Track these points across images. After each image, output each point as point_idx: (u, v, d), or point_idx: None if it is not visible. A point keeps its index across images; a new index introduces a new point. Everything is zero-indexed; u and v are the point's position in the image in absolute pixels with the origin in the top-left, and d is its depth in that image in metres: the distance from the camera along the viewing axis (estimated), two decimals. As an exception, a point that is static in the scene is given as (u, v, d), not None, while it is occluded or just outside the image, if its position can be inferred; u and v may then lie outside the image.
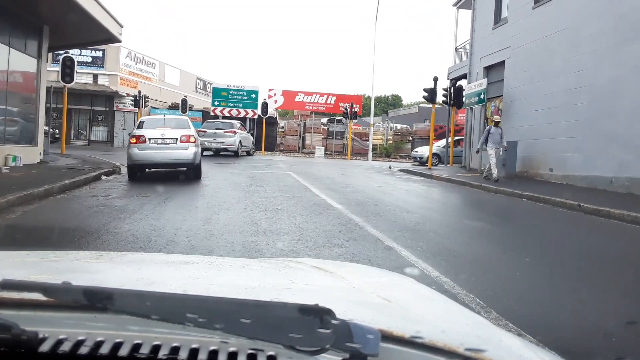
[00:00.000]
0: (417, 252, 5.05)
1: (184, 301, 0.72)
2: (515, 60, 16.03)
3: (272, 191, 9.87)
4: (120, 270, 1.22)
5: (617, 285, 4.43)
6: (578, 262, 5.30)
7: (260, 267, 1.46)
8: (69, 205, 7.74)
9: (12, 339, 0.63)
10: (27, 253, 1.31)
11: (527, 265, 4.97)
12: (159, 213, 6.85)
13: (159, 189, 9.49)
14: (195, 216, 6.76)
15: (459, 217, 8.95)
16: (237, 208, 7.59)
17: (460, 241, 6.16)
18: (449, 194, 12.04)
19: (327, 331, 0.61)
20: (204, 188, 10.18)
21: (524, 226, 8.10)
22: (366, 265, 1.87)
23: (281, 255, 4.70)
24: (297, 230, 5.95)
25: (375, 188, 11.72)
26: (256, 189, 10.19)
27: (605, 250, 6.15)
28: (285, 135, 33.33)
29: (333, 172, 16.20)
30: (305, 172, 15.06)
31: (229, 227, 6.10)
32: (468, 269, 4.72)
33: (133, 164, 10.96)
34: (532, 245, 6.13)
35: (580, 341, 3.09)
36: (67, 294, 0.72)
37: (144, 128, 11.32)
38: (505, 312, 3.32)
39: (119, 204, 7.52)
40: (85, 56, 29.37)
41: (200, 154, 11.90)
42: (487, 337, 0.87)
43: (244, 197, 8.81)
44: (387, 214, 7.64)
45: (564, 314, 3.52)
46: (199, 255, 2.86)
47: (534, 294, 4.06)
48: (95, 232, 5.55)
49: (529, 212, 9.25)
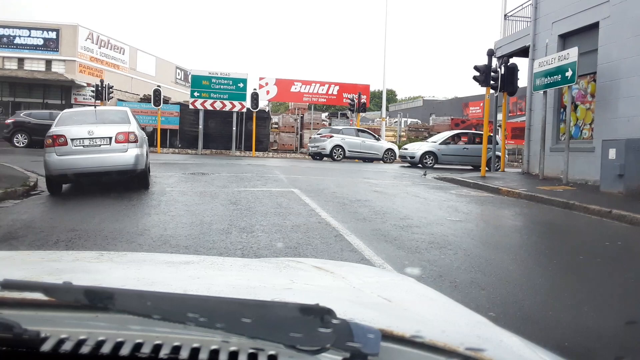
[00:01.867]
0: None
1: (185, 301, 0.72)
2: (618, 19, 10.96)
3: (274, 248, 4.77)
4: (121, 270, 1.21)
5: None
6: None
7: (261, 267, 1.46)
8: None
9: (14, 339, 0.63)
10: (28, 253, 1.47)
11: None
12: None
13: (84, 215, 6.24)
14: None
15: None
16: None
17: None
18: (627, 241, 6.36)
19: (327, 331, 0.62)
20: (142, 235, 5.14)
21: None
22: (366, 265, 1.78)
23: None
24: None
25: (463, 229, 6.51)
26: (242, 239, 5.06)
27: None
28: (280, 133, 28.02)
29: (358, 186, 10.99)
30: (318, 188, 9.83)
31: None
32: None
33: (51, 174, 8.21)
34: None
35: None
36: (68, 294, 0.73)
37: (65, 125, 8.55)
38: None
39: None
40: (35, 38, 24.00)
41: (146, 156, 9.16)
42: (487, 337, 0.87)
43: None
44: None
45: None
46: (200, 255, 2.61)
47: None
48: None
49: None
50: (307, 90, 27.93)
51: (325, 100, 28.61)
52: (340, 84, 28.27)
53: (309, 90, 27.91)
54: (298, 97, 28.05)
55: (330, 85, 28.16)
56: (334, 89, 28.11)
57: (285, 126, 27.81)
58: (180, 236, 5.26)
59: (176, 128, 25.55)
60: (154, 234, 5.32)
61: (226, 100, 24.91)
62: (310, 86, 27.95)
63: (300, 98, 28.12)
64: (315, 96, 28.03)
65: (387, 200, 8.77)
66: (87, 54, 26.05)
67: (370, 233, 5.77)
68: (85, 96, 24.20)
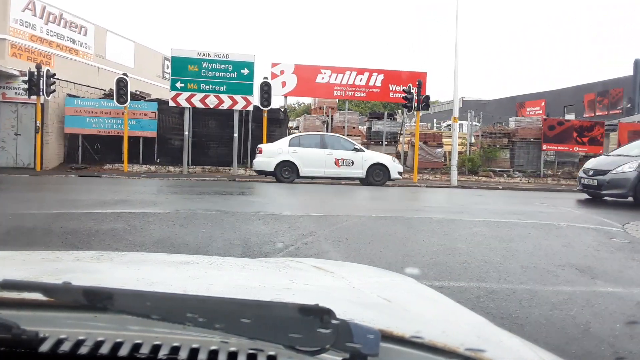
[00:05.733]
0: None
1: (184, 301, 0.72)
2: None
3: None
4: (120, 270, 1.20)
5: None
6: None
7: (261, 267, 1.45)
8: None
9: (13, 339, 0.63)
10: (28, 253, 1.31)
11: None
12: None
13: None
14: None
15: None
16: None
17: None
18: None
19: (327, 331, 0.61)
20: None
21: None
22: (366, 265, 1.67)
23: None
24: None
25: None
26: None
27: None
28: (301, 141, 19.98)
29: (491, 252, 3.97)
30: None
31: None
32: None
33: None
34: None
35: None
36: (67, 294, 0.72)
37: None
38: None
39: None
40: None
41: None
42: (487, 337, 0.87)
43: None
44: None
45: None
46: (199, 255, 2.12)
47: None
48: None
49: None
50: (338, 80, 19.76)
51: (364, 94, 20.40)
52: (385, 71, 20.01)
53: (342, 81, 19.76)
54: (326, 90, 19.86)
55: (371, 73, 19.94)
56: (376, 79, 19.88)
57: (308, 132, 19.73)
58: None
59: (153, 135, 17.67)
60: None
61: (224, 94, 17.02)
62: (344, 75, 19.75)
63: (329, 92, 19.94)
64: (350, 89, 19.82)
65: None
66: (26, 30, 18.20)
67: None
68: (18, 90, 16.40)
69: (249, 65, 17.03)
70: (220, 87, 16.85)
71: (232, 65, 16.94)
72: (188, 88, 16.69)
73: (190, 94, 16.71)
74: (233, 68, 16.93)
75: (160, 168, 17.49)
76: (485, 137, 20.08)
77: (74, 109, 17.42)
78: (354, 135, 19.61)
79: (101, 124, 17.35)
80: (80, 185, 12.06)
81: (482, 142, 19.84)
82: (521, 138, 19.82)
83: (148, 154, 17.82)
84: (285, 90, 19.19)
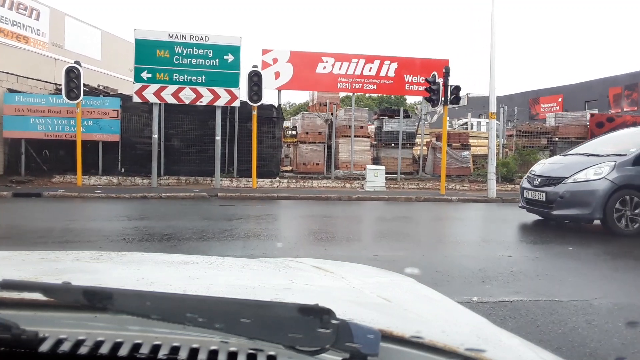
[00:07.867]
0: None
1: (184, 301, 0.71)
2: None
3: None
4: (120, 270, 1.19)
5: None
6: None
7: (261, 267, 1.43)
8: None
9: (12, 339, 0.63)
10: (27, 253, 1.29)
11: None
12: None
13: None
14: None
15: None
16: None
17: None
18: None
19: (327, 331, 0.61)
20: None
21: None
22: (366, 265, 1.65)
23: None
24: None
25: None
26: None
27: None
28: (298, 144, 16.60)
29: None
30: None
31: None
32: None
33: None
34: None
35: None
36: (67, 294, 0.72)
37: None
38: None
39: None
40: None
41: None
42: (487, 337, 0.86)
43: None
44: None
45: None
46: (199, 255, 2.09)
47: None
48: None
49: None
50: (343, 70, 16.36)
51: (375, 86, 16.99)
52: (400, 58, 16.58)
53: (347, 71, 16.32)
54: (328, 82, 16.40)
55: (382, 61, 16.51)
56: (389, 68, 16.47)
57: (307, 132, 16.28)
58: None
59: (115, 139, 14.15)
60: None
61: (202, 87, 13.49)
62: (349, 64, 16.29)
63: (332, 84, 16.49)
64: (358, 80, 16.40)
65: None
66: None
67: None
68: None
69: (234, 50, 13.54)
70: (197, 77, 13.36)
71: (213, 50, 13.44)
72: (157, 79, 13.17)
73: (159, 87, 13.20)
74: (214, 54, 13.44)
75: (125, 180, 13.93)
76: (520, 136, 16.75)
77: (15, 107, 13.78)
78: (362, 137, 16.34)
79: (49, 125, 13.76)
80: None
81: (517, 144, 16.51)
82: (563, 137, 16.57)
83: (110, 162, 14.27)
84: (279, 82, 15.69)
